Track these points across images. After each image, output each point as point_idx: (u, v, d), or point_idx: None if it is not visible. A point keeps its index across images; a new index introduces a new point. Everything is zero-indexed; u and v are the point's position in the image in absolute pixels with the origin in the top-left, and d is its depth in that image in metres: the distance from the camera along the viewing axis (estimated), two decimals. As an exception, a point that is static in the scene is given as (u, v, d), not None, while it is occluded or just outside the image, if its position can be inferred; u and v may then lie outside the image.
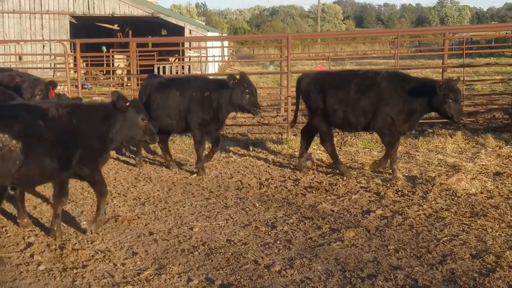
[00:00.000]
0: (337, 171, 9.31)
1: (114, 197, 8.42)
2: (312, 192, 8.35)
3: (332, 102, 9.19)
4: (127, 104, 6.69)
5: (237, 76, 9.38)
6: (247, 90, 9.31)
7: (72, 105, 6.61)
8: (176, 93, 9.82)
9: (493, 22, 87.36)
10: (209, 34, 33.64)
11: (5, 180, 5.85)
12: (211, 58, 27.80)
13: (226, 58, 37.16)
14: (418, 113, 8.93)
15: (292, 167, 9.88)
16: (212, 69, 30.92)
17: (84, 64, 25.56)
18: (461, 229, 6.53)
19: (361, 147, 11.21)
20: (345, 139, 11.78)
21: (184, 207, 7.81)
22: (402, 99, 8.80)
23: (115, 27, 36.78)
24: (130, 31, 31.97)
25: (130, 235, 6.69)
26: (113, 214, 7.55)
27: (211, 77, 15.47)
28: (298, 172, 9.53)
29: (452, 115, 8.54)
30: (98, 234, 6.71)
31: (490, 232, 6.39)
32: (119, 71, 28.54)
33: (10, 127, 5.80)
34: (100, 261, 5.89)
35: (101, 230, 6.85)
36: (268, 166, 10.06)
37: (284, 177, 9.29)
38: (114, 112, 6.70)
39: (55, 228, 6.62)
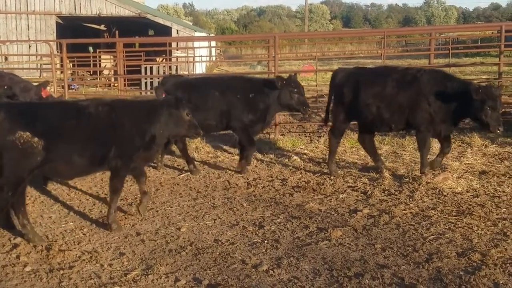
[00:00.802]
0: (326, 170, 9.33)
1: (101, 197, 8.39)
2: (300, 192, 8.37)
3: (366, 97, 8.88)
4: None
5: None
6: (295, 90, 9.44)
7: (113, 102, 7.02)
8: (215, 94, 9.63)
9: (479, 22, 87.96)
10: (197, 34, 33.60)
11: (41, 171, 6.43)
12: (198, 58, 27.75)
13: (214, 58, 37.12)
14: (454, 113, 8.48)
15: (279, 166, 9.89)
16: (199, 69, 30.87)
17: (71, 64, 25.41)
18: (447, 227, 6.58)
19: (348, 147, 11.24)
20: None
21: (171, 207, 7.80)
22: (441, 97, 8.43)
23: (102, 27, 36.67)
24: (116, 32, 31.84)
25: (117, 235, 6.66)
26: (100, 215, 7.52)
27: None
28: (285, 171, 9.55)
29: (489, 123, 8.12)
30: (84, 234, 6.70)
31: (476, 230, 6.44)
32: (106, 72, 28.41)
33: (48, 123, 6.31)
34: (87, 262, 5.86)
35: (88, 231, 6.84)
36: (256, 166, 10.06)
37: (271, 177, 9.30)
38: (158, 108, 6.93)
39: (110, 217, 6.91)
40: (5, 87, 9.32)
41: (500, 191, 7.97)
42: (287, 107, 9.73)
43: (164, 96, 7.68)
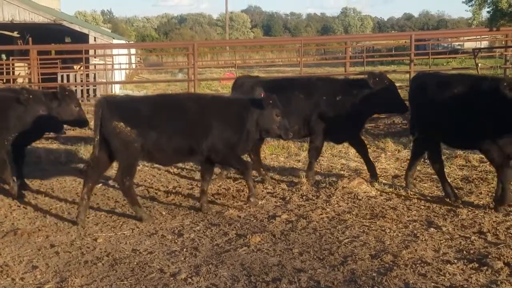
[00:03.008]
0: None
1: (14, 210, 8.11)
2: (219, 199, 8.39)
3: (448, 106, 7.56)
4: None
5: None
6: (392, 89, 8.73)
7: (214, 98, 8.07)
8: (300, 96, 9.03)
9: (392, 32, 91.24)
10: (115, 41, 33.06)
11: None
12: (117, 65, 27.33)
13: (134, 66, 36.64)
14: None
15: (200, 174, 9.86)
16: (118, 77, 30.39)
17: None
18: (361, 230, 6.77)
19: (268, 153, 11.37)
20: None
21: (88, 218, 7.61)
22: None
23: (15, 34, 35.38)
24: (30, 38, 30.87)
25: (30, 248, 6.46)
26: (12, 227, 7.26)
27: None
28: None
29: None
30: (-5, 249, 6.45)
31: (388, 232, 6.66)
32: (20, 80, 27.47)
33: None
34: (-3, 277, 5.65)
35: (0, 244, 6.60)
36: (176, 174, 10.00)
37: (191, 185, 9.28)
38: (250, 106, 7.52)
39: (204, 205, 7.72)
40: None
41: (411, 194, 8.29)
42: (383, 109, 8.99)
43: (262, 95, 7.93)
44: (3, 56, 28.81)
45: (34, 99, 8.60)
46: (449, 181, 8.29)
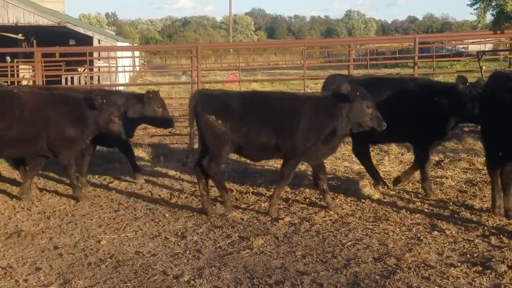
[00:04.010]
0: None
1: (18, 211, 8.13)
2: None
3: None
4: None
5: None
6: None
7: (300, 95, 8.10)
8: (396, 96, 8.39)
9: (396, 34, 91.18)
10: (119, 44, 33.15)
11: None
12: (121, 68, 27.38)
13: (138, 68, 36.70)
14: None
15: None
16: (122, 79, 30.45)
17: (-14, 74, 24.48)
18: (364, 233, 6.77)
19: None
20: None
21: (91, 219, 7.64)
22: None
23: (20, 36, 35.47)
24: (34, 41, 30.95)
25: (33, 250, 6.47)
26: (15, 229, 7.27)
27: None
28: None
29: None
30: (-1, 250, 6.47)
31: (392, 235, 6.66)
32: (24, 82, 27.52)
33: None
34: (1, 278, 5.65)
35: (3, 246, 6.60)
36: (179, 177, 10.01)
37: (195, 187, 9.26)
38: (338, 102, 7.39)
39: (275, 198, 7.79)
40: None
41: (414, 197, 8.28)
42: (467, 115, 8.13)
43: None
44: (8, 58, 28.80)
45: (109, 103, 8.39)
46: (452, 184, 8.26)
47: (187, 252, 6.30)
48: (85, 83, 25.41)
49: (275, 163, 10.75)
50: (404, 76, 15.12)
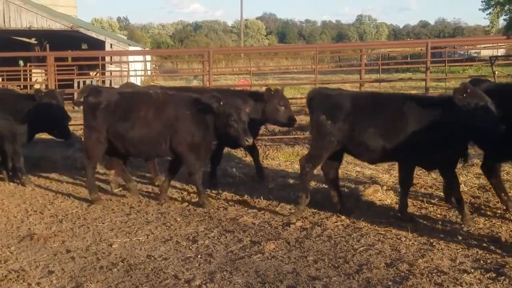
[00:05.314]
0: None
1: (30, 214, 8.17)
2: (234, 206, 8.38)
3: None
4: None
5: None
6: None
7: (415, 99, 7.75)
8: None
9: (408, 39, 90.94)
10: (131, 48, 33.28)
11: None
12: (133, 72, 27.49)
13: (149, 73, 36.82)
14: None
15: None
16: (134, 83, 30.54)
17: (0, 78, 24.69)
18: (377, 238, 6.73)
19: (282, 160, 11.36)
20: (267, 153, 11.91)
21: (103, 223, 7.66)
22: None
23: (33, 40, 35.75)
24: (47, 45, 31.17)
25: (46, 253, 6.49)
26: (28, 232, 7.30)
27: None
28: (220, 185, 9.53)
29: None
30: (12, 253, 6.49)
31: (404, 241, 6.62)
32: (37, 86, 27.71)
33: None
34: (13, 281, 5.68)
35: (15, 249, 6.63)
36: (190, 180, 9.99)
37: (206, 191, 9.26)
38: (452, 103, 6.90)
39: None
40: None
41: (427, 203, 8.23)
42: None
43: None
44: (21, 62, 29.09)
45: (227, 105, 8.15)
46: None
47: (199, 256, 6.30)
48: (97, 87, 25.54)
49: (287, 167, 10.76)
50: None
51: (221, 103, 8.06)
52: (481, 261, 5.92)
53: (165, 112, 8.30)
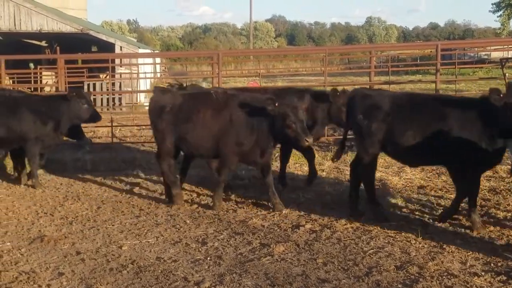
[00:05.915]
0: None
1: (41, 216, 8.20)
2: (243, 208, 8.39)
3: None
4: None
5: None
6: None
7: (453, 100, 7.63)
8: None
9: (418, 41, 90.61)
10: (141, 50, 33.39)
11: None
12: (142, 75, 27.57)
13: (159, 75, 36.90)
14: None
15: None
16: (144, 86, 30.63)
17: (11, 81, 24.83)
18: (386, 241, 6.71)
19: (292, 163, 11.33)
20: (276, 155, 11.88)
21: (113, 225, 7.68)
22: None
23: (43, 43, 35.92)
24: (58, 48, 31.30)
25: (56, 255, 6.52)
26: (39, 234, 7.34)
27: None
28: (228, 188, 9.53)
29: None
30: (22, 255, 6.52)
31: (414, 243, 6.59)
32: (47, 88, 27.86)
33: None
34: (24, 283, 5.70)
35: (26, 251, 6.66)
36: (199, 183, 10.02)
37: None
38: (492, 106, 6.64)
39: None
40: None
41: (437, 205, 8.19)
42: None
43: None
44: (31, 65, 29.22)
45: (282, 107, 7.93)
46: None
47: (208, 258, 6.30)
48: (107, 90, 25.65)
49: (296, 170, 10.75)
50: None
51: (276, 104, 7.84)
52: (492, 264, 5.89)
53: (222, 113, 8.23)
